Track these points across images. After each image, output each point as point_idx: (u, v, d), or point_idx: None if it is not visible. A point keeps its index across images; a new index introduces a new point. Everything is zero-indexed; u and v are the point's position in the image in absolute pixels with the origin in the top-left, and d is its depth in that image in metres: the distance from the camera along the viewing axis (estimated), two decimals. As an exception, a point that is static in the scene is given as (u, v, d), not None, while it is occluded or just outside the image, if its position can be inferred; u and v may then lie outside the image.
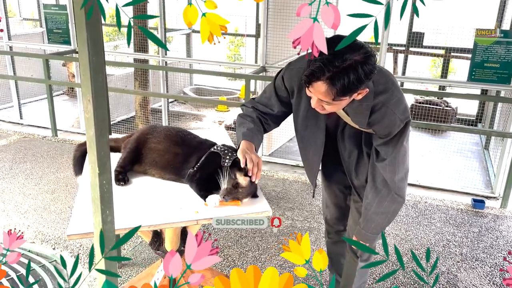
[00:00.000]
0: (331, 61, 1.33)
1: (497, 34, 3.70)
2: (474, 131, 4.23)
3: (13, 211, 3.35)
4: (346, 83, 1.35)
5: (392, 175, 1.65)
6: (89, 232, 1.46)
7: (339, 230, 2.19)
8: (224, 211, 1.64)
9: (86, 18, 0.87)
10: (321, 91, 1.39)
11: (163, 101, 4.95)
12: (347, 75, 1.34)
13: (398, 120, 1.54)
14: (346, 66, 1.33)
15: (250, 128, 1.71)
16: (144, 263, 2.79)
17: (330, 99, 1.41)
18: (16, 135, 5.02)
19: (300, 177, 4.12)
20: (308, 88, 1.44)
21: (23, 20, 7.92)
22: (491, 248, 3.08)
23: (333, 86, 1.36)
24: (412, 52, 6.04)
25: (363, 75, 1.35)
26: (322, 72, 1.35)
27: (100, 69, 0.97)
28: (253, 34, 7.01)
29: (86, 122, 1.00)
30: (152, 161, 1.89)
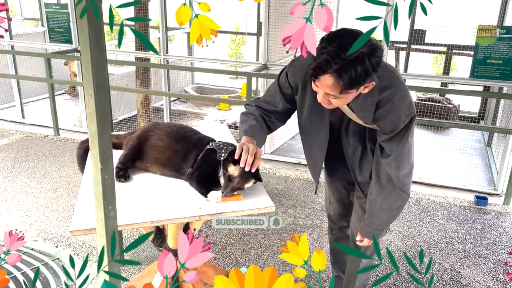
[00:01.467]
0: (337, 54, 1.32)
1: (497, 34, 3.69)
2: (476, 128, 4.22)
3: (15, 210, 3.35)
4: (353, 75, 1.34)
5: (396, 171, 1.64)
6: (92, 228, 1.46)
7: (342, 226, 2.19)
8: (227, 206, 1.63)
9: (79, 17, 0.87)
10: (328, 84, 1.39)
11: (165, 100, 4.95)
12: (354, 67, 1.33)
13: (403, 116, 1.54)
14: (353, 58, 1.33)
15: (252, 125, 1.71)
16: (147, 260, 2.79)
17: (337, 93, 1.41)
18: (18, 134, 5.03)
19: (302, 175, 4.12)
20: (314, 82, 1.44)
21: (25, 19, 7.93)
22: (494, 244, 3.07)
23: (340, 79, 1.36)
24: (413, 49, 6.02)
25: (370, 67, 1.34)
26: (329, 65, 1.34)
27: (102, 65, 0.97)
28: (254, 32, 7.00)
29: (88, 118, 1.00)
30: (153, 158, 1.90)
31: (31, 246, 2.88)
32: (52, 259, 2.78)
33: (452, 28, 4.29)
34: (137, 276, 2.34)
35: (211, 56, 5.24)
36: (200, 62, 5.40)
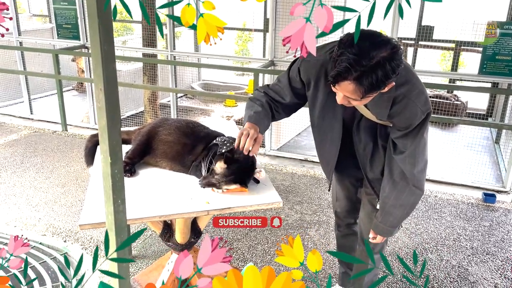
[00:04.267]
0: (357, 61, 1.29)
1: (497, 34, 3.68)
2: (484, 125, 4.19)
3: (24, 204, 3.38)
4: (374, 81, 1.32)
5: (411, 167, 1.63)
6: (101, 222, 1.47)
7: (349, 223, 2.18)
8: (235, 201, 1.64)
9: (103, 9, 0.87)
10: (348, 90, 1.37)
11: (172, 96, 4.96)
12: (374, 73, 1.30)
13: (419, 112, 1.52)
14: (374, 64, 1.30)
15: (258, 112, 1.69)
16: (155, 255, 2.81)
17: (358, 97, 1.39)
18: (27, 130, 5.07)
19: (309, 171, 4.11)
20: (334, 86, 1.41)
21: (33, 16, 7.98)
22: (502, 242, 3.05)
23: (361, 86, 1.33)
24: (421, 45, 5.97)
25: (390, 71, 1.32)
26: (349, 73, 1.31)
27: (112, 58, 0.97)
28: (260, 28, 6.99)
29: (98, 112, 1.00)
30: (163, 153, 1.90)
31: (39, 241, 2.91)
32: (61, 253, 2.80)
33: (461, 24, 4.25)
34: (144, 271, 2.35)
35: (218, 52, 5.23)
36: (207, 58, 5.40)
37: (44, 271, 2.62)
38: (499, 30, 3.70)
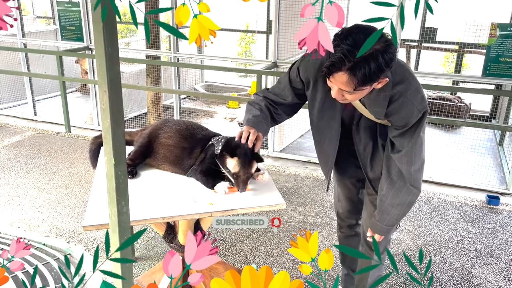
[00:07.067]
0: (351, 52, 1.33)
1: (497, 34, 3.67)
2: (488, 127, 4.17)
3: (28, 205, 3.39)
4: (367, 72, 1.35)
5: (408, 166, 1.64)
6: (105, 223, 1.47)
7: (351, 224, 2.18)
8: (239, 203, 1.64)
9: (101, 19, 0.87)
10: (342, 81, 1.40)
11: (175, 98, 4.97)
12: (368, 64, 1.34)
13: (416, 110, 1.54)
14: (367, 55, 1.33)
15: (256, 115, 1.71)
16: (158, 256, 2.81)
17: (351, 89, 1.41)
18: (31, 131, 5.08)
19: (312, 173, 4.11)
20: (329, 78, 1.44)
21: (37, 18, 8.01)
22: (506, 244, 3.04)
23: (354, 76, 1.36)
24: (424, 47, 5.97)
25: (383, 63, 1.35)
26: (343, 63, 1.35)
27: (116, 60, 0.98)
28: (263, 30, 6.99)
29: (102, 113, 1.01)
30: (163, 157, 1.91)
31: (43, 242, 2.92)
32: (64, 254, 2.81)
33: (464, 26, 4.24)
34: (147, 272, 2.36)
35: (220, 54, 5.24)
36: (210, 60, 5.41)
37: (47, 272, 2.63)
38: (499, 31, 3.69)
